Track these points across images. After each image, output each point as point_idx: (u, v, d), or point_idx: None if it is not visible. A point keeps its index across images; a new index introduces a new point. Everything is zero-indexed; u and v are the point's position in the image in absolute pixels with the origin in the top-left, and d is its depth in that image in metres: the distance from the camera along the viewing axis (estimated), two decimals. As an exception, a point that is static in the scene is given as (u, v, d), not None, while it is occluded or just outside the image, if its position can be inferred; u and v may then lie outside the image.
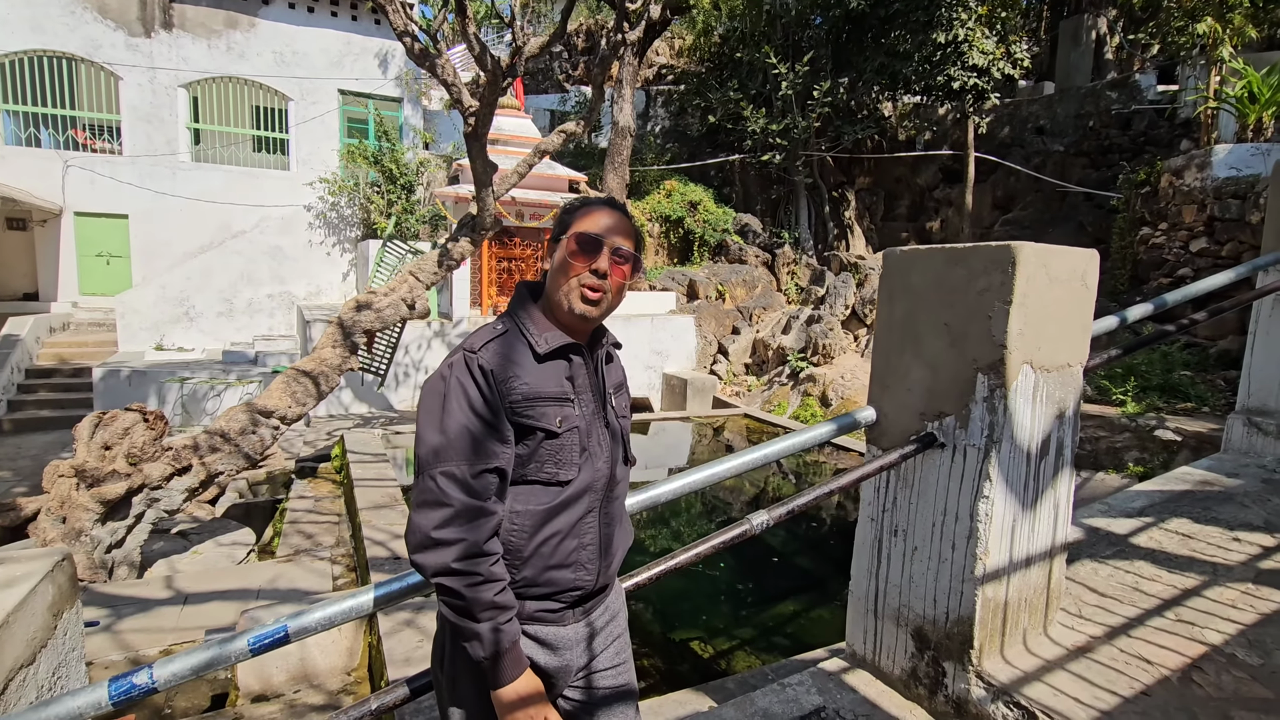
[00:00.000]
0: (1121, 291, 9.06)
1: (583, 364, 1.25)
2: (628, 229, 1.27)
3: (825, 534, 6.03)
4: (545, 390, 1.18)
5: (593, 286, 1.21)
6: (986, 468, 1.79)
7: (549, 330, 1.22)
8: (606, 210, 1.27)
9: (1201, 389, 6.43)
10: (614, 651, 1.30)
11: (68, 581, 1.76)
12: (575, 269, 1.21)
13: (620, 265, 1.24)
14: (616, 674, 1.30)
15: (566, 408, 1.20)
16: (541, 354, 1.19)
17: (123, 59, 11.75)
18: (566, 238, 1.23)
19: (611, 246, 1.22)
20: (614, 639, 1.31)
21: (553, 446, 1.18)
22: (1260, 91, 7.88)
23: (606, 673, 1.28)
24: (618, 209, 1.29)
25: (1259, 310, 3.39)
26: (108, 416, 4.39)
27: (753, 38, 13.41)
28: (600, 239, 1.22)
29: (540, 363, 1.19)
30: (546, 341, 1.20)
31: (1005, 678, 1.82)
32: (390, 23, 4.66)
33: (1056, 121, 13.73)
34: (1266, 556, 2.49)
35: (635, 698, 1.34)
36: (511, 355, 1.18)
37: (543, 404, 1.17)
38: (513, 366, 1.17)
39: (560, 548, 1.19)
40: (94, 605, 3.49)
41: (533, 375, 1.18)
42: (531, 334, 1.21)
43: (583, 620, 1.24)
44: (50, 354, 10.33)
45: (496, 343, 1.19)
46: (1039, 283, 1.76)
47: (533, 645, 1.19)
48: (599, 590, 1.27)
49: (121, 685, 1.20)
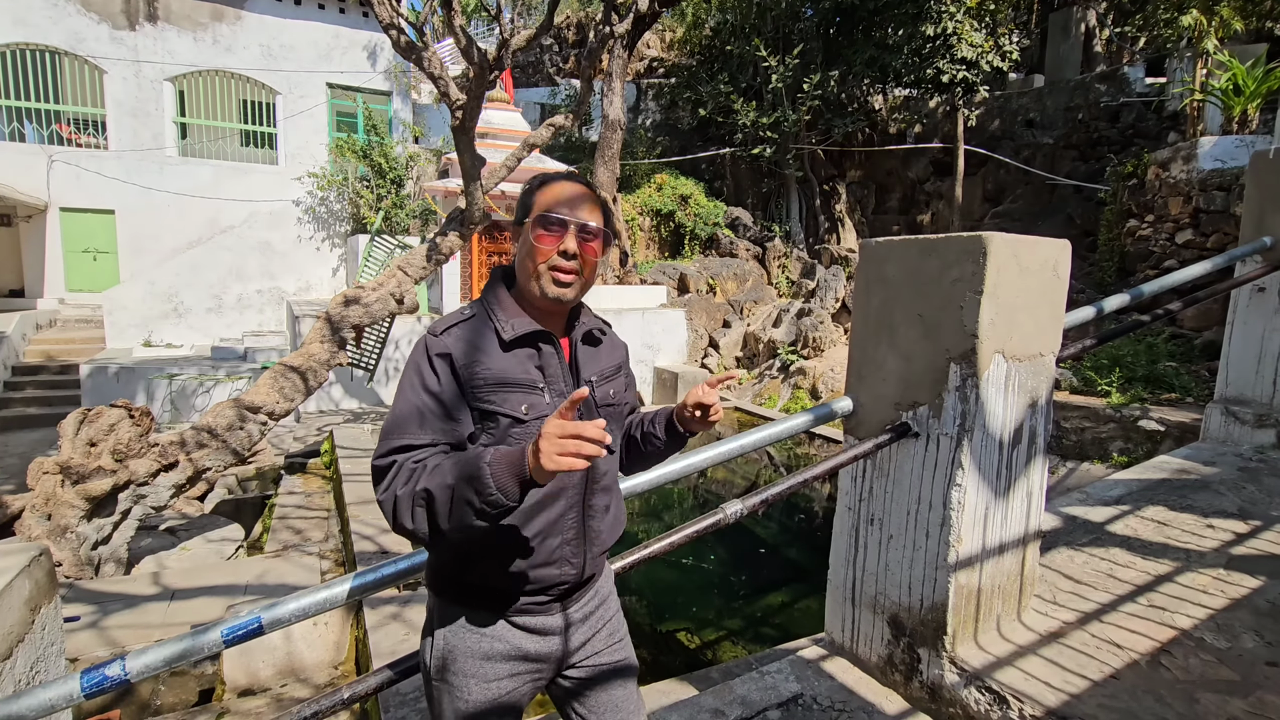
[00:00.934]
0: (1109, 283, 9.12)
1: (553, 352, 1.21)
2: (593, 201, 1.22)
3: (815, 525, 6.08)
4: (509, 376, 1.15)
5: (563, 269, 1.17)
6: (959, 456, 1.81)
7: (517, 316, 1.19)
8: (567, 184, 1.22)
9: (1186, 379, 6.49)
10: (607, 633, 1.30)
11: (45, 576, 1.76)
12: (542, 253, 1.17)
13: (589, 242, 1.19)
14: (613, 652, 1.30)
15: (533, 396, 1.16)
16: (507, 340, 1.16)
17: (107, 52, 11.63)
18: (529, 221, 1.19)
19: (577, 224, 1.18)
20: (605, 621, 1.31)
21: (520, 434, 1.15)
22: (1245, 84, 7.92)
23: (602, 653, 1.29)
24: (579, 181, 1.24)
25: (1237, 300, 3.43)
26: (93, 413, 4.37)
27: (743, 30, 13.38)
28: (564, 218, 1.17)
29: (506, 350, 1.16)
30: (513, 328, 1.17)
31: (978, 663, 1.85)
32: (377, 16, 4.63)
33: (1046, 114, 13.76)
34: (1239, 543, 2.53)
35: (634, 674, 1.35)
36: (476, 340, 1.16)
37: (505, 390, 1.14)
38: (475, 352, 1.15)
39: (542, 547, 1.17)
40: (80, 601, 3.49)
41: (497, 361, 1.15)
42: (499, 320, 1.18)
43: (572, 608, 1.24)
44: (37, 351, 10.26)
45: (461, 327, 1.17)
46: (1010, 273, 1.78)
47: (521, 634, 1.19)
48: (585, 580, 1.27)
49: (94, 677, 1.21)
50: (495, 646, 1.18)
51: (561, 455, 0.94)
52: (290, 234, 12.54)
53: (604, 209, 1.25)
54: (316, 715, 1.26)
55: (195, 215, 12.36)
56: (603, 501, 1.28)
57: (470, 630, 1.18)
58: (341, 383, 9.52)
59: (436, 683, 1.20)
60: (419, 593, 3.38)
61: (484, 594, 1.19)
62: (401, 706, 2.46)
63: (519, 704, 1.22)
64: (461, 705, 1.17)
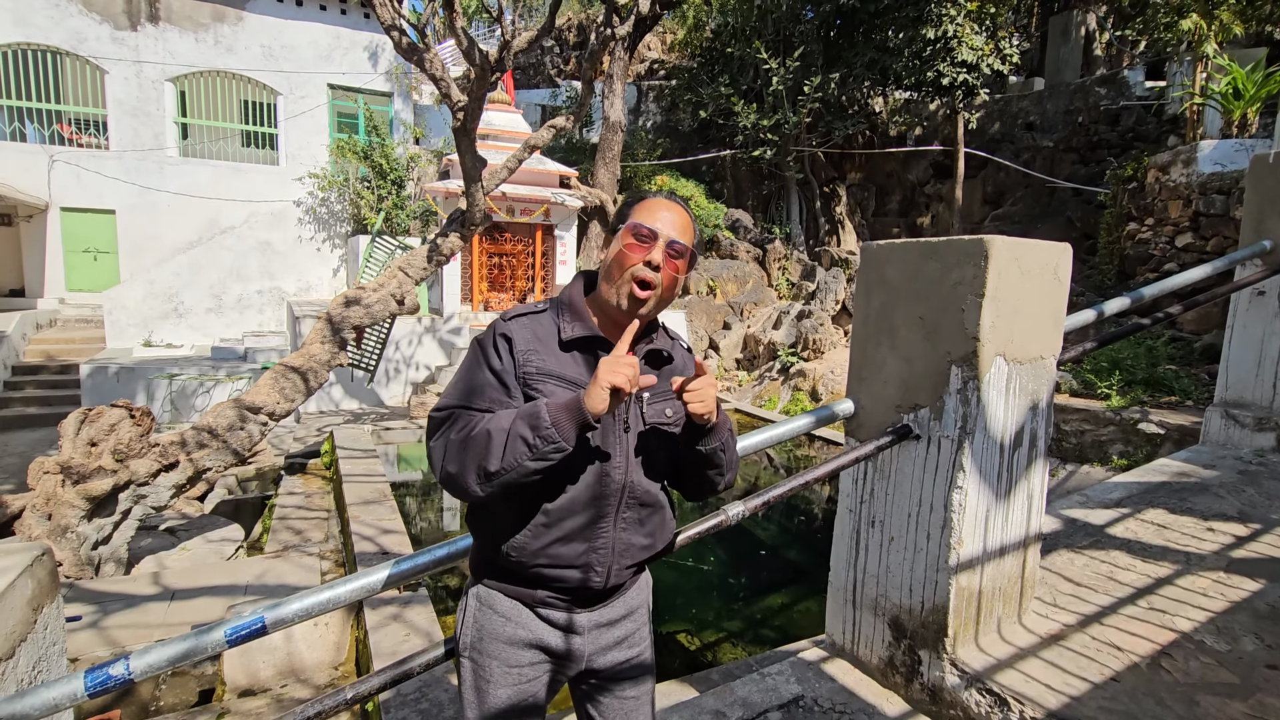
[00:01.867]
0: (1109, 286, 9.13)
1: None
2: (686, 224, 1.27)
3: (816, 527, 6.08)
4: (559, 370, 1.20)
5: (645, 279, 1.21)
6: (960, 459, 1.81)
7: (579, 320, 1.25)
8: (665, 204, 1.28)
9: (1186, 382, 6.50)
10: (629, 645, 1.32)
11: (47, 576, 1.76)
12: (630, 260, 1.21)
13: (674, 260, 1.24)
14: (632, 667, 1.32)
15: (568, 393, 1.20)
16: (565, 339, 1.22)
17: (108, 52, 11.63)
18: (624, 229, 1.24)
19: (667, 239, 1.23)
20: (630, 634, 1.32)
21: None
22: (1245, 87, 7.94)
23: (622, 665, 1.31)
24: (679, 204, 1.29)
25: (1236, 303, 3.44)
26: (94, 413, 4.38)
27: (744, 33, 13.40)
28: (656, 231, 1.23)
29: (564, 349, 1.22)
30: (571, 330, 1.23)
31: (979, 665, 1.86)
32: (378, 17, 4.64)
33: (1046, 117, 13.80)
34: (1239, 546, 2.53)
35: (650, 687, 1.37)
36: (538, 333, 1.23)
37: (554, 382, 1.19)
38: (535, 342, 1.21)
39: (568, 549, 1.20)
40: (80, 601, 3.49)
41: (552, 355, 1.21)
42: (563, 319, 1.24)
43: (595, 613, 1.27)
44: (37, 351, 10.25)
45: (528, 318, 1.25)
46: (1011, 276, 1.78)
47: (544, 626, 1.23)
48: (611, 590, 1.28)
49: (98, 676, 1.21)
50: (519, 634, 1.23)
51: (610, 374, 1.07)
52: (291, 234, 12.55)
53: (696, 236, 1.31)
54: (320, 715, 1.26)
55: (196, 215, 12.36)
56: (638, 515, 1.27)
57: (498, 615, 1.24)
58: (342, 383, 9.52)
59: (465, 659, 1.27)
60: (419, 594, 3.39)
61: (514, 580, 1.24)
62: (402, 707, 2.46)
63: (539, 696, 1.26)
64: (484, 685, 1.23)
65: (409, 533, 4.31)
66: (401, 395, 9.99)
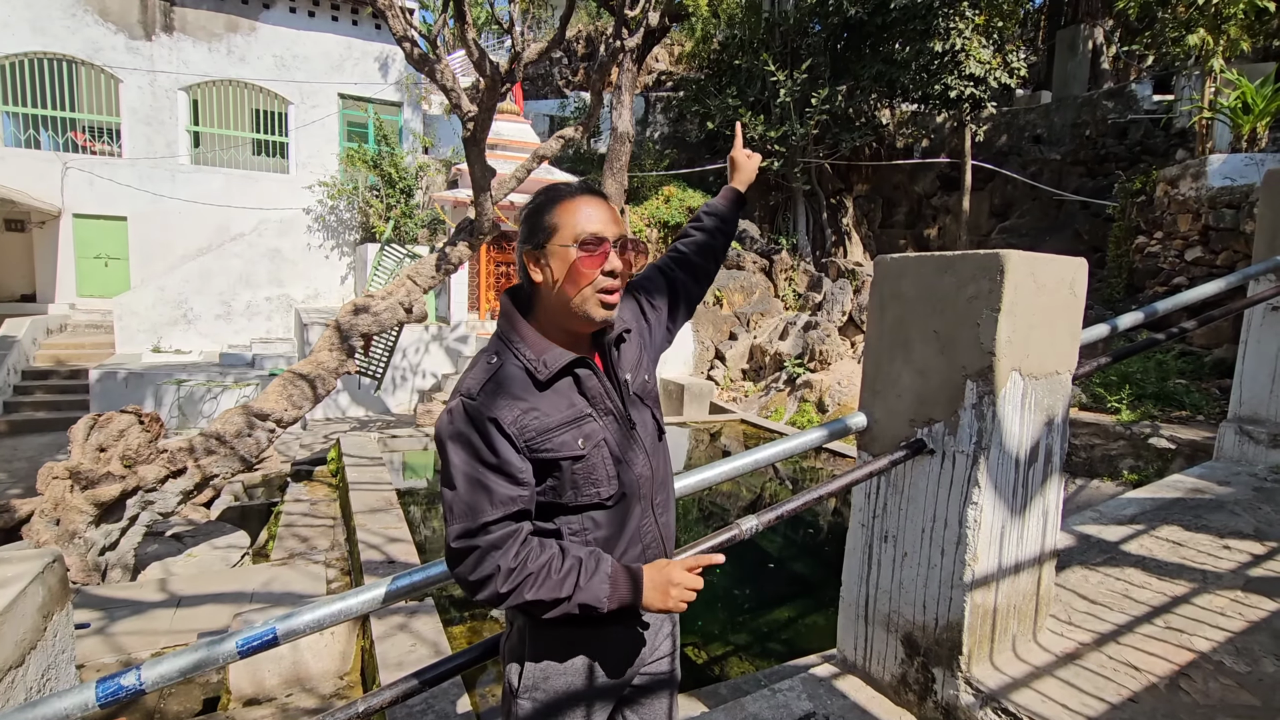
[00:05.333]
0: (1117, 299, 9.09)
1: (591, 373, 1.17)
2: (613, 210, 1.18)
3: (822, 540, 6.04)
4: (558, 418, 1.11)
5: (609, 289, 1.14)
6: (975, 474, 1.79)
7: (546, 351, 1.13)
8: (586, 198, 1.16)
9: (1196, 397, 6.45)
10: (670, 644, 1.34)
11: (58, 583, 1.76)
12: (587, 275, 1.11)
13: (627, 255, 1.16)
14: (669, 661, 1.34)
15: (586, 425, 1.14)
16: (543, 380, 1.11)
17: (123, 61, 11.79)
18: (568, 246, 1.12)
19: (615, 238, 1.14)
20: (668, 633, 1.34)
21: (585, 468, 1.13)
22: (1254, 102, 7.93)
23: (661, 662, 1.32)
24: (593, 191, 1.18)
25: (1250, 319, 3.41)
26: (103, 419, 4.39)
27: (751, 45, 13.48)
28: (603, 235, 1.13)
29: (544, 389, 1.12)
30: (545, 365, 1.12)
31: (994, 684, 1.83)
32: (390, 28, 4.68)
33: (1053, 130, 13.79)
34: (1256, 564, 2.50)
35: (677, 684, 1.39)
36: (512, 390, 1.10)
37: (559, 433, 1.11)
38: (516, 403, 1.09)
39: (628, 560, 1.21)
40: (87, 607, 3.48)
41: (542, 404, 1.11)
42: (528, 360, 1.12)
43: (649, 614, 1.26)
44: (47, 355, 10.33)
45: (493, 382, 1.10)
46: (1027, 290, 1.77)
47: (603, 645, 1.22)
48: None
49: (109, 686, 1.21)
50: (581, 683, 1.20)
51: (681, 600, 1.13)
52: (300, 242, 12.64)
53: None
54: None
55: (206, 222, 12.47)
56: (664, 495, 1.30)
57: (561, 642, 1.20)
58: (349, 390, 9.55)
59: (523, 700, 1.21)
60: (425, 604, 3.37)
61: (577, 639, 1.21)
62: (409, 718, 2.44)
63: None
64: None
65: (415, 541, 4.30)
66: (408, 403, 10.00)
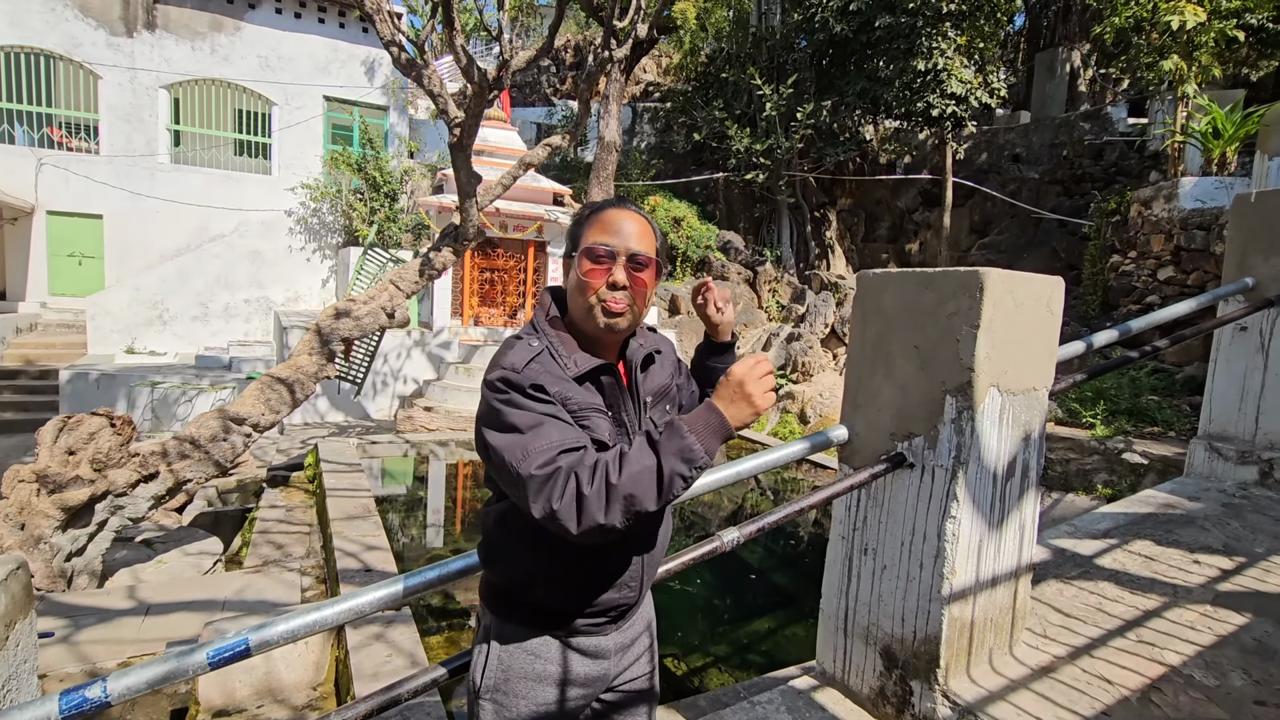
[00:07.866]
0: (1093, 316, 9.28)
1: (613, 382, 1.20)
2: (643, 230, 1.18)
3: (803, 551, 6.06)
4: (589, 403, 1.15)
5: (613, 301, 1.15)
6: (954, 488, 1.82)
7: (576, 353, 1.17)
8: (616, 213, 1.19)
9: (1168, 413, 6.59)
10: (645, 659, 1.32)
11: (22, 590, 1.71)
12: (592, 286, 1.14)
13: (639, 272, 1.16)
14: (645, 680, 1.32)
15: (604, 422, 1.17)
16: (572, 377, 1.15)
17: (103, 58, 11.61)
18: (579, 254, 1.16)
19: (626, 254, 1.15)
20: (646, 646, 1.33)
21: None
22: (1224, 127, 8.17)
23: (637, 679, 1.30)
24: (629, 208, 1.21)
25: (1220, 338, 3.50)
26: (73, 420, 4.29)
27: (738, 59, 13.63)
28: (613, 249, 1.15)
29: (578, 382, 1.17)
30: (575, 365, 1.16)
31: (970, 697, 1.84)
32: (378, 32, 4.67)
33: (1032, 150, 14.09)
34: (1224, 579, 2.55)
35: (656, 700, 1.37)
36: (552, 370, 1.14)
37: (592, 414, 1.14)
38: (559, 382, 1.12)
39: (607, 570, 1.19)
40: (52, 615, 3.39)
41: (576, 391, 1.15)
42: (561, 357, 1.16)
43: (625, 628, 1.26)
44: (16, 355, 10.08)
45: (538, 361, 1.14)
46: (1006, 308, 1.80)
47: (575, 656, 1.19)
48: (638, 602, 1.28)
49: (73, 699, 1.17)
50: (548, 670, 1.18)
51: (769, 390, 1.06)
52: (281, 244, 12.48)
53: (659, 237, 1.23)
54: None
55: (185, 222, 12.28)
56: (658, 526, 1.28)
57: (524, 652, 1.18)
58: (328, 395, 9.42)
59: (485, 700, 1.19)
60: (402, 613, 3.32)
61: (543, 615, 1.19)
62: (382, 731, 2.39)
63: None
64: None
65: (393, 549, 4.24)
66: (389, 408, 9.89)
